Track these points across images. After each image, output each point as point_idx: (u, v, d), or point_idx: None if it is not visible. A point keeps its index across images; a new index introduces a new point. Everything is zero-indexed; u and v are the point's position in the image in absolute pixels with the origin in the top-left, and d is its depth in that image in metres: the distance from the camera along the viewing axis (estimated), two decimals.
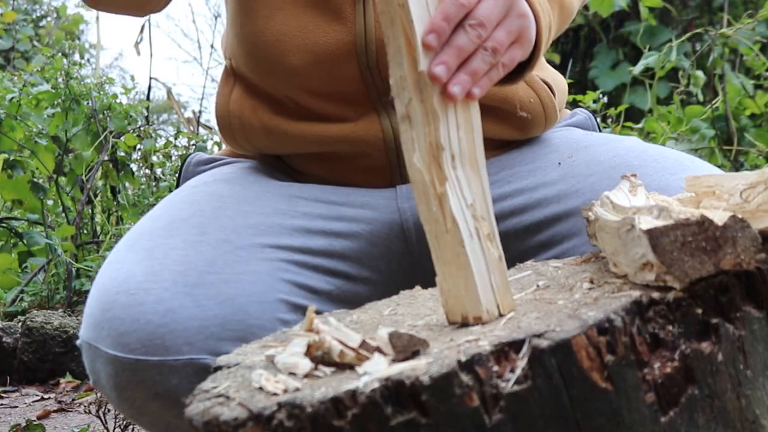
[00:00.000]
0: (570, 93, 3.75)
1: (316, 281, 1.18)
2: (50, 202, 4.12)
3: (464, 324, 0.75)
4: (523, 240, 1.20)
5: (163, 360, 1.05)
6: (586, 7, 5.70)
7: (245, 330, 1.07)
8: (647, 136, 3.96)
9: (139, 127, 4.10)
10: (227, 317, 1.07)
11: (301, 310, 1.11)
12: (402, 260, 1.24)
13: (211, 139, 5.16)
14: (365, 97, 1.23)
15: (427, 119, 0.74)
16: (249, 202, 1.21)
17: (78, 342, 1.10)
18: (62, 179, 4.04)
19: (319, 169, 1.30)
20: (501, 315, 0.75)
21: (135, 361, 1.05)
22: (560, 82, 1.37)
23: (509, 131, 1.28)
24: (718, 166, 3.70)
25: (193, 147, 4.45)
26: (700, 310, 0.70)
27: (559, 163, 1.24)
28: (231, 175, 1.27)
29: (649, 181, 1.10)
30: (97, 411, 1.82)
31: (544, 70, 1.34)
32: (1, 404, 2.63)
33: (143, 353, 1.04)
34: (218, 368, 0.80)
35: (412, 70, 0.74)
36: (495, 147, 1.29)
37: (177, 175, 1.38)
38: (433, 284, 0.84)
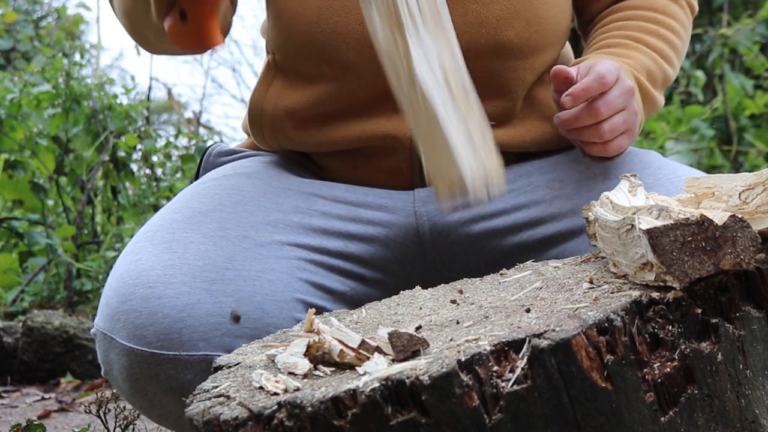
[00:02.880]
0: None
1: (331, 281, 1.18)
2: (51, 202, 4.12)
3: (453, 195, 0.75)
4: (538, 253, 1.19)
5: (178, 355, 1.05)
6: None
7: (261, 328, 1.07)
8: (647, 136, 3.96)
9: (140, 128, 4.10)
10: (244, 315, 1.08)
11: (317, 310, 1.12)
12: (416, 264, 1.24)
13: (212, 139, 5.16)
14: None
15: None
16: (268, 198, 1.20)
17: (92, 331, 1.11)
18: (63, 179, 4.03)
19: (342, 166, 1.28)
20: (486, 173, 0.76)
21: (150, 354, 1.05)
22: None
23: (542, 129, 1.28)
24: (718, 167, 3.71)
25: (194, 147, 4.44)
26: (699, 310, 0.70)
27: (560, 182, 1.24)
28: (251, 169, 1.26)
29: None
30: (98, 411, 1.81)
31: None
32: (2, 404, 2.63)
33: (159, 347, 1.05)
34: (218, 368, 0.80)
35: None
36: (516, 159, 1.27)
37: (197, 166, 1.38)
38: None
